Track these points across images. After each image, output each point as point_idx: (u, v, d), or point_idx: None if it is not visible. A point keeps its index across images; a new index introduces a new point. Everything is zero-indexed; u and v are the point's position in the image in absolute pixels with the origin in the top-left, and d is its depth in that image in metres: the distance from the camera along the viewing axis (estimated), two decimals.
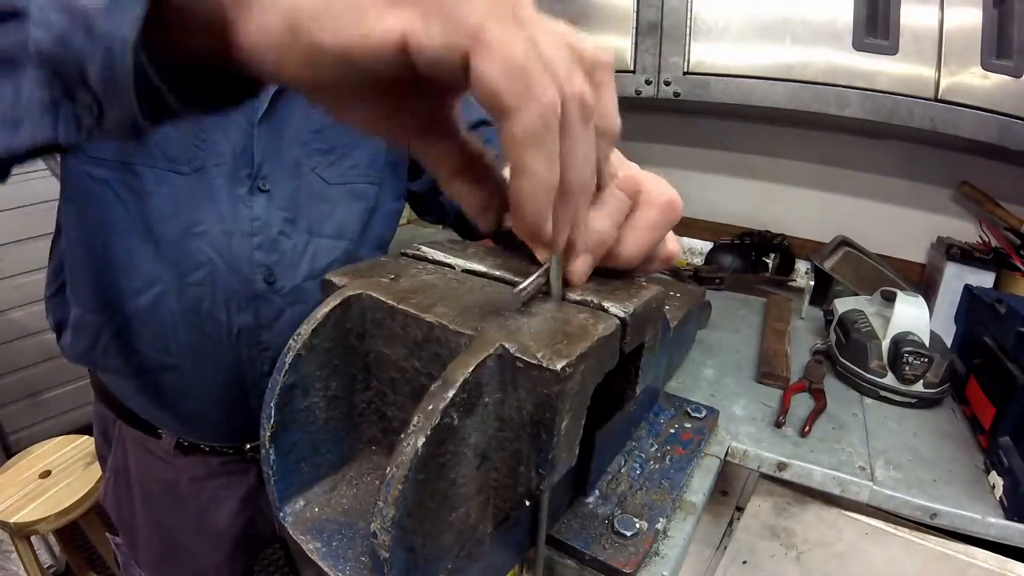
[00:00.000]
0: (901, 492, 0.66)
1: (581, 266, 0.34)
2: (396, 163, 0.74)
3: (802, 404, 0.81)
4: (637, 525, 0.47)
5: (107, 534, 1.27)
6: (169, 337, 0.62)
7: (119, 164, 0.57)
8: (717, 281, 1.27)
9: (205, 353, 0.63)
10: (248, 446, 0.72)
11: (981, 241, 1.20)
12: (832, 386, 0.87)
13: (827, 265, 1.20)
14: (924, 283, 1.27)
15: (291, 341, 0.33)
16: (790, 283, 1.30)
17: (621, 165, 0.34)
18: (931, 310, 0.99)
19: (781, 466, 0.70)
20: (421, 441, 0.25)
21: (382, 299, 0.34)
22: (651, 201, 0.35)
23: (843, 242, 1.27)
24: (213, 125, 0.59)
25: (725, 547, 0.83)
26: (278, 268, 0.63)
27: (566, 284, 0.35)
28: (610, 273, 0.38)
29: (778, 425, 0.75)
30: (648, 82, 1.12)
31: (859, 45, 0.93)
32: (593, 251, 0.33)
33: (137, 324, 0.62)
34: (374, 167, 0.70)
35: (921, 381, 0.81)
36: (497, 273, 0.38)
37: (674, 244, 0.38)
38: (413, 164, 0.77)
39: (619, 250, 0.35)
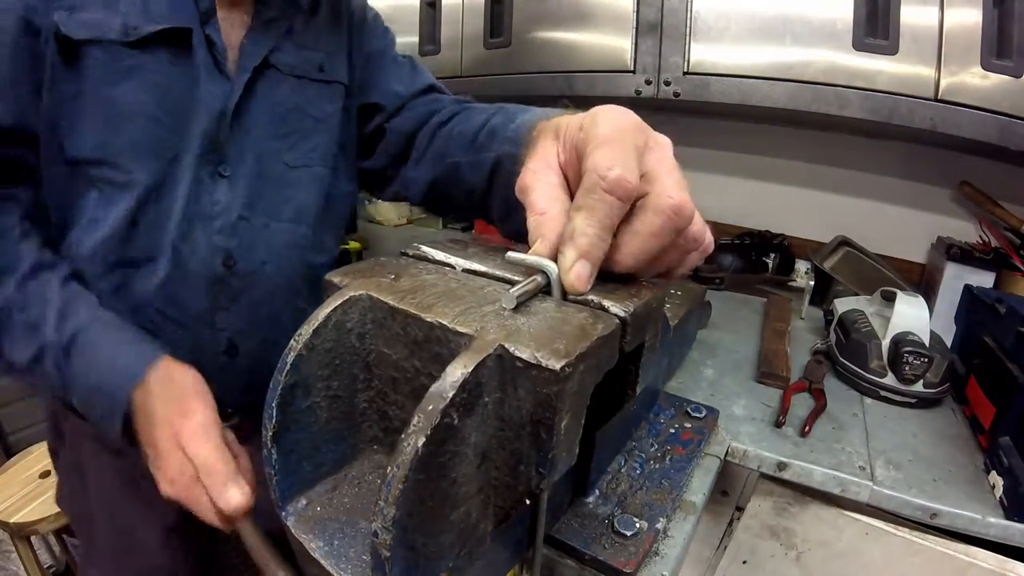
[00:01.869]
0: (901, 492, 0.66)
1: (576, 272, 0.33)
2: (346, 144, 0.75)
3: (802, 404, 0.81)
4: (637, 525, 0.47)
5: (64, 536, 1.23)
6: (130, 319, 0.61)
7: (103, 163, 0.58)
8: (717, 281, 1.28)
9: (164, 334, 0.63)
10: None
11: (981, 241, 1.20)
12: (832, 386, 0.87)
13: (827, 265, 1.20)
14: (924, 283, 1.27)
15: (292, 342, 0.33)
16: (790, 283, 1.30)
17: (629, 163, 0.32)
18: (931, 310, 0.99)
19: (781, 466, 0.70)
20: (421, 441, 0.25)
21: (383, 299, 0.34)
22: (656, 205, 0.33)
23: (843, 242, 1.27)
24: (188, 115, 0.60)
25: (725, 547, 0.83)
26: (237, 252, 0.64)
27: (565, 295, 0.35)
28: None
29: (778, 425, 0.75)
30: (648, 82, 1.12)
31: (859, 45, 0.93)
32: (586, 256, 0.33)
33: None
34: (332, 151, 0.71)
35: (921, 381, 0.82)
36: (497, 273, 0.38)
37: (700, 232, 0.37)
38: (365, 142, 0.77)
39: (617, 255, 0.34)
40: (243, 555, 0.37)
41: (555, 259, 0.34)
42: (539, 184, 0.37)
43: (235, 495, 0.46)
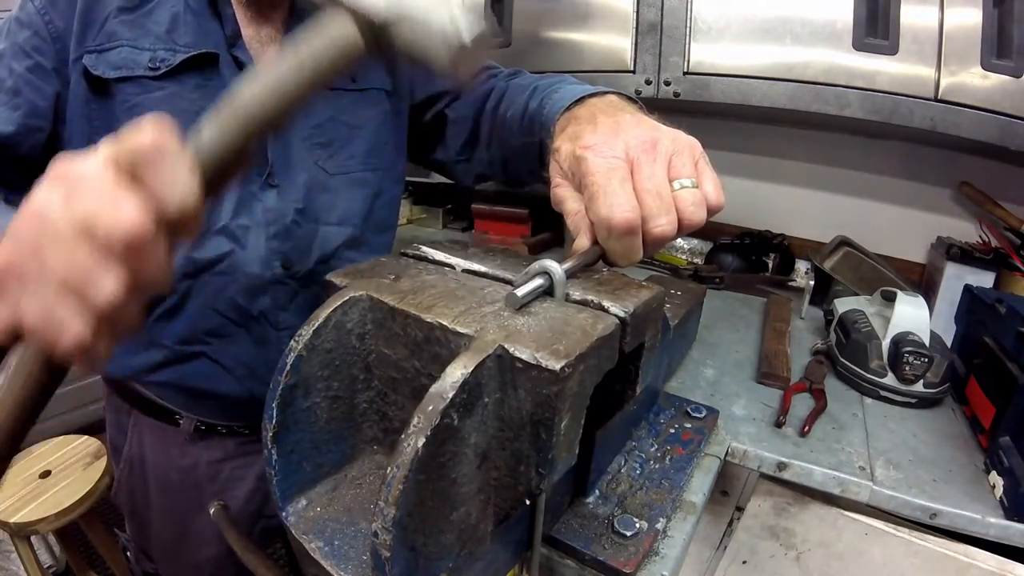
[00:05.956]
0: (901, 492, 0.66)
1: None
2: (393, 146, 0.78)
3: (802, 404, 0.81)
4: (637, 525, 0.47)
5: (115, 530, 1.27)
6: (194, 327, 0.66)
7: None
8: (717, 281, 1.27)
9: (228, 336, 0.67)
10: None
11: (981, 241, 1.20)
12: (832, 386, 0.87)
13: (827, 265, 1.20)
14: (924, 283, 1.27)
15: (292, 342, 0.33)
16: (790, 283, 1.30)
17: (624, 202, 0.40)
18: (931, 310, 0.99)
19: (781, 466, 0.70)
20: (421, 442, 0.25)
21: (383, 300, 0.34)
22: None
23: (843, 242, 1.27)
24: None
25: (725, 547, 0.83)
26: (293, 254, 0.67)
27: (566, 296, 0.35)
28: (612, 273, 0.38)
29: (778, 425, 0.75)
30: (648, 82, 1.12)
31: (859, 45, 0.93)
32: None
33: (162, 323, 0.65)
34: (374, 156, 0.74)
35: (921, 381, 0.82)
36: (497, 273, 0.38)
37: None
38: (429, 134, 0.81)
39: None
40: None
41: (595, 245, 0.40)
42: (566, 194, 0.46)
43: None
